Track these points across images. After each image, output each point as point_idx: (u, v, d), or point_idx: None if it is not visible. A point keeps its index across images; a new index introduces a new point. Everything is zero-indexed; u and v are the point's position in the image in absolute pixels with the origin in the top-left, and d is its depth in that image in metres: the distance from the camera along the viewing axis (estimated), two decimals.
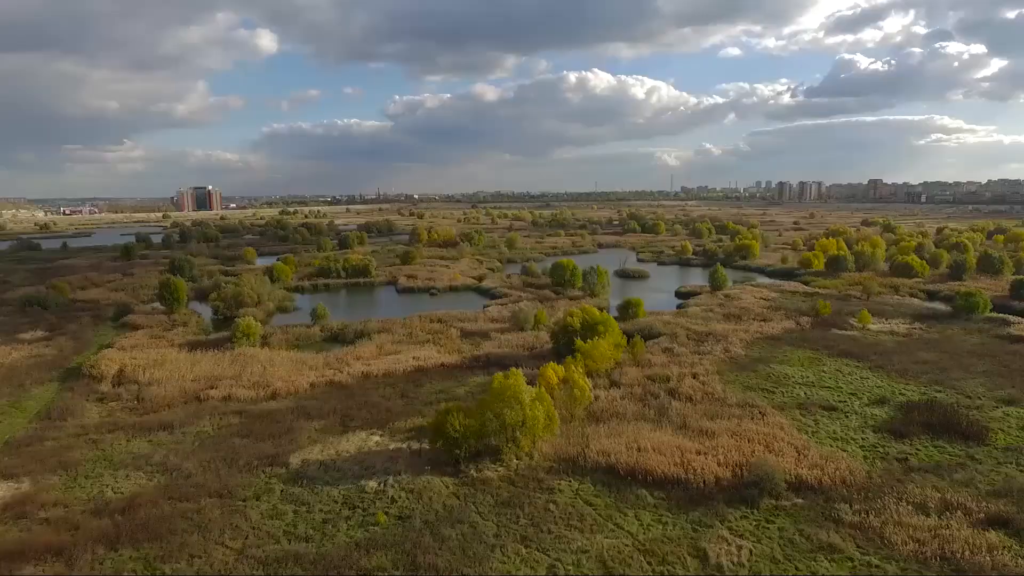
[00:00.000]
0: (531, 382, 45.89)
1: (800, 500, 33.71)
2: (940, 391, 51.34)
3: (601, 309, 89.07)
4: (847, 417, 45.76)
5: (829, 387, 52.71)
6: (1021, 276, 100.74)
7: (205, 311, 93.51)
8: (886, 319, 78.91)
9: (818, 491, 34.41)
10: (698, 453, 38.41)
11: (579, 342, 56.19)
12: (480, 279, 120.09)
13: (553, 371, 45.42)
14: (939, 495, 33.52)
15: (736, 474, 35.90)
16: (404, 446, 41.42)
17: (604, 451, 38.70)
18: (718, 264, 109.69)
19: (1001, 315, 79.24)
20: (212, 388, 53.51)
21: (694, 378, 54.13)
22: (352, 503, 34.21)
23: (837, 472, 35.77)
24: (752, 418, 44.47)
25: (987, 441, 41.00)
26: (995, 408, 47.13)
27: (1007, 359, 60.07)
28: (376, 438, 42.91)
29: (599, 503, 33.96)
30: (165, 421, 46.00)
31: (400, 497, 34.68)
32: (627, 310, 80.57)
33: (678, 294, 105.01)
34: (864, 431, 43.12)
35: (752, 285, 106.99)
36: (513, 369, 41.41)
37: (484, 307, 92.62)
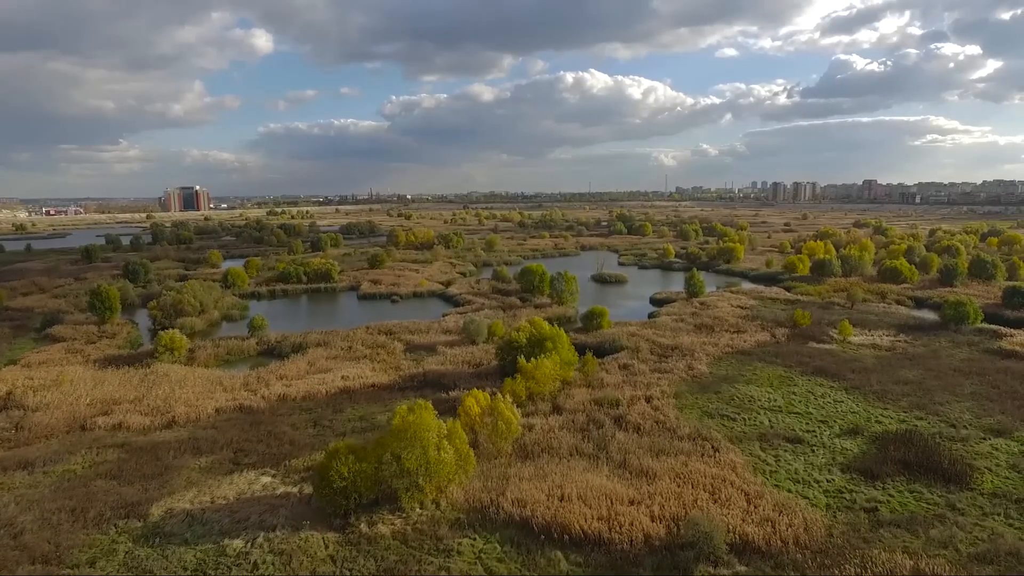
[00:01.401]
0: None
1: (743, 568, 27.88)
2: (921, 418, 45.66)
3: (568, 319, 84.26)
4: (813, 451, 40.01)
5: (798, 413, 46.96)
6: (1014, 282, 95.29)
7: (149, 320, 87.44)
8: (869, 330, 73.29)
9: (766, 555, 28.60)
10: (630, 503, 32.58)
11: (521, 361, 50.36)
12: (448, 284, 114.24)
13: (475, 400, 39.57)
14: (911, 562, 27.70)
15: (671, 531, 30.09)
16: (295, 490, 35.52)
17: (521, 499, 32.86)
18: (694, 269, 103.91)
19: (992, 326, 73.70)
20: (106, 414, 47.58)
21: (647, 402, 48.36)
22: (204, 571, 28.30)
23: (791, 529, 29.95)
24: (703, 454, 38.66)
25: (971, 484, 35.27)
26: (982, 440, 41.41)
27: (997, 378, 54.41)
28: (266, 479, 37.01)
29: (502, 571, 28.11)
30: (31, 457, 40.03)
31: (265, 562, 28.77)
32: (591, 320, 74.83)
33: (653, 301, 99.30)
34: (831, 470, 37.35)
35: (731, 291, 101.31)
36: (420, 401, 35.52)
37: (443, 316, 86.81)
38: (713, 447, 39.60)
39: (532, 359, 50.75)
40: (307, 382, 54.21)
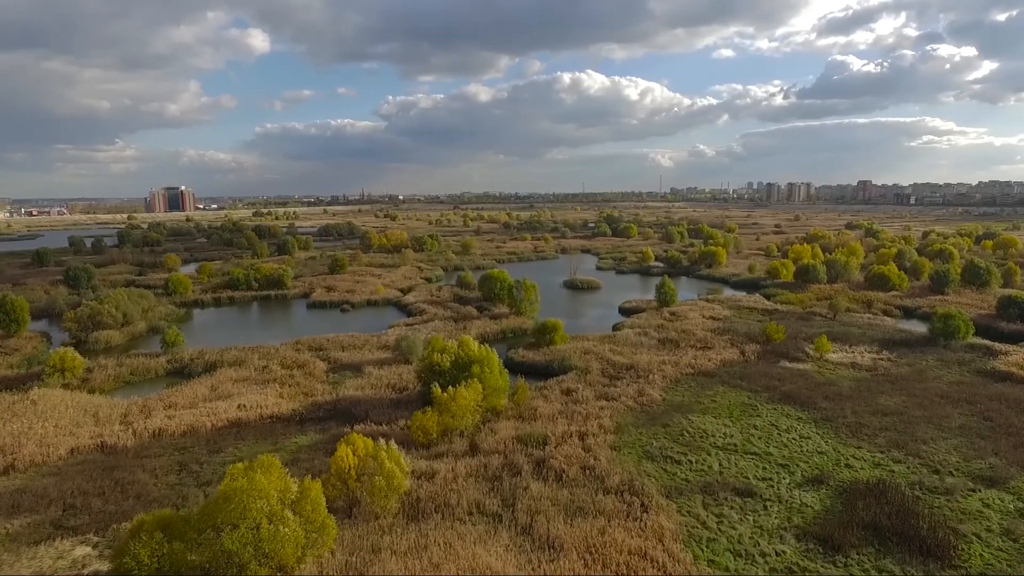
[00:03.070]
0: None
1: None
2: (899, 460, 38.66)
3: (524, 331, 77.20)
4: (766, 509, 32.92)
5: (756, 453, 39.91)
6: (1009, 291, 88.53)
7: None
8: (849, 346, 66.27)
9: None
10: None
11: (435, 390, 43.22)
12: (407, 291, 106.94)
13: (352, 448, 32.37)
14: None
15: None
16: (111, 568, 28.29)
17: None
18: (665, 276, 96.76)
19: (985, 341, 66.85)
20: None
21: (580, 440, 41.26)
22: None
23: None
24: (627, 515, 31.54)
25: (954, 560, 28.24)
26: (970, 493, 34.39)
27: (989, 407, 47.46)
28: (83, 551, 29.76)
29: None
30: None
31: None
32: (543, 335, 67.69)
33: (621, 310, 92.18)
34: (783, 536, 30.24)
35: (705, 300, 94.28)
36: (263, 456, 28.35)
37: (388, 327, 79.62)
38: (643, 505, 32.46)
39: (452, 387, 43.69)
40: (195, 412, 46.91)
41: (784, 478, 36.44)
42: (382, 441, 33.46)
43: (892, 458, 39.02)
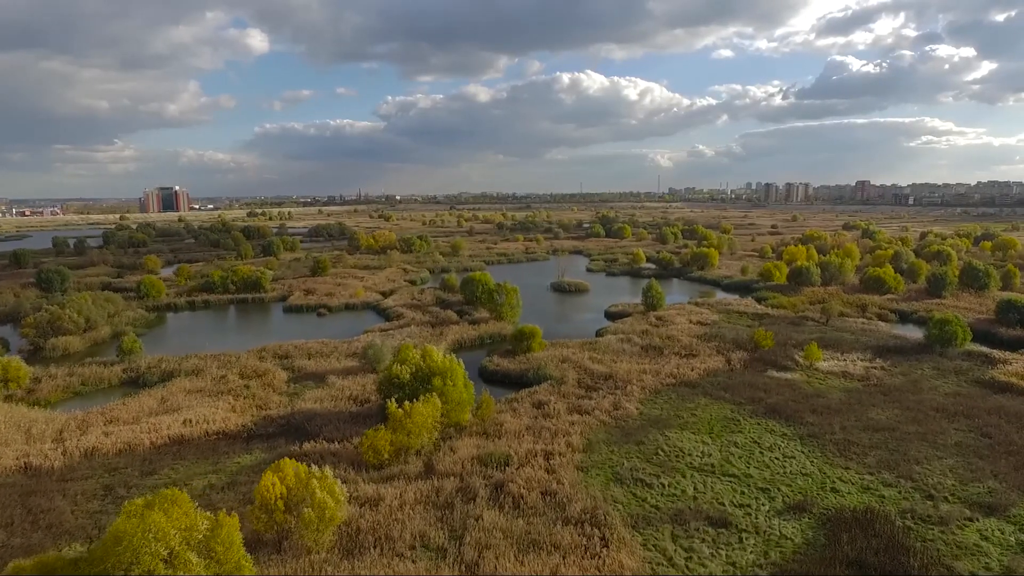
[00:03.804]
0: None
1: None
2: (890, 484, 35.49)
3: (503, 337, 73.94)
4: (741, 542, 29.74)
5: (734, 476, 36.74)
6: (1008, 294, 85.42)
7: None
8: (842, 353, 63.16)
9: None
10: None
11: (391, 406, 39.91)
12: (388, 294, 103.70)
13: (279, 477, 29.13)
14: None
15: None
16: None
17: None
18: (652, 280, 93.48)
19: (983, 348, 63.77)
20: None
21: (545, 460, 38.10)
22: None
23: None
24: (586, 551, 28.35)
25: None
26: (967, 523, 31.20)
27: (988, 421, 44.34)
28: None
29: None
30: None
31: None
32: (520, 342, 64.47)
33: (608, 314, 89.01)
34: None
35: (694, 304, 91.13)
36: (167, 490, 25.15)
37: (364, 332, 76.43)
38: (603, 538, 29.27)
39: (411, 401, 40.47)
40: (135, 429, 43.65)
41: (763, 504, 33.27)
42: (315, 467, 30.23)
43: (882, 481, 35.88)
